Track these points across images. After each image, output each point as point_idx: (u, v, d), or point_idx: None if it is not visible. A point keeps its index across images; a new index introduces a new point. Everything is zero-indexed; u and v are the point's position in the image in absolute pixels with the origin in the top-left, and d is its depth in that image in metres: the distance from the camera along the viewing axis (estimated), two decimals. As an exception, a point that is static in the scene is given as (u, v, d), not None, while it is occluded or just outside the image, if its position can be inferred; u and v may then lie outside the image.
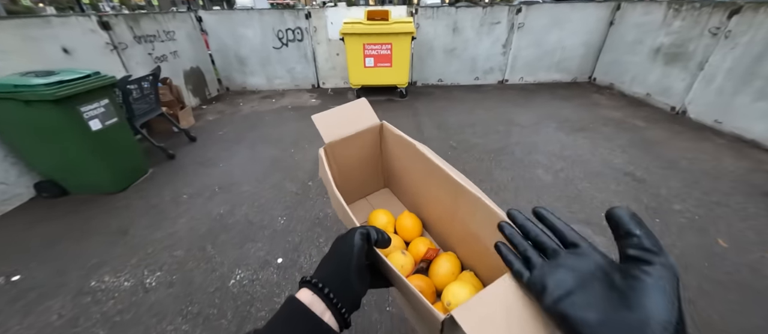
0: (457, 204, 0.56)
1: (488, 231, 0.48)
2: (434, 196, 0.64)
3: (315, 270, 0.40)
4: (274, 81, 4.84)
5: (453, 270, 0.62)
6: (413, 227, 0.73)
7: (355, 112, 0.75)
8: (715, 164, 2.50)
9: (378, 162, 0.83)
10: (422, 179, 0.67)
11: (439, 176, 0.57)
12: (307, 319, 0.34)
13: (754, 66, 2.81)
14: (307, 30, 4.43)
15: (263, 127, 3.44)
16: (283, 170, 2.56)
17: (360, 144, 0.76)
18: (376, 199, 0.88)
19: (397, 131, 0.70)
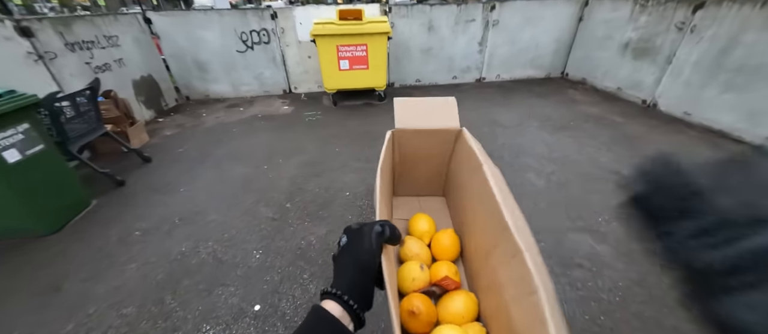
0: (496, 246, 0.49)
1: (514, 289, 0.41)
2: (480, 226, 0.58)
3: (335, 275, 0.41)
4: (241, 88, 4.45)
5: (464, 314, 0.55)
6: (449, 248, 0.67)
7: (438, 108, 0.70)
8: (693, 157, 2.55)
9: (444, 167, 0.78)
10: (476, 202, 0.61)
11: (492, 207, 0.50)
12: (338, 331, 0.35)
13: (719, 59, 2.92)
14: (274, 31, 4.09)
15: (231, 141, 3.09)
16: (257, 191, 2.27)
17: (431, 142, 0.72)
18: (428, 203, 0.83)
19: (473, 143, 0.63)
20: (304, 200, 2.16)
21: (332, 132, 3.24)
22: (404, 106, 0.71)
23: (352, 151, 2.82)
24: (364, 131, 3.24)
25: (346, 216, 1.99)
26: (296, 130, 3.29)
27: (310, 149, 2.87)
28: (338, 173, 2.46)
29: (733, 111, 2.85)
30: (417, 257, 0.66)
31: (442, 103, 0.71)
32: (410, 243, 0.68)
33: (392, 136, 0.70)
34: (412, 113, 0.71)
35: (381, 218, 0.49)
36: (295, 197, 2.19)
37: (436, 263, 0.66)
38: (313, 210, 2.05)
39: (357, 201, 2.14)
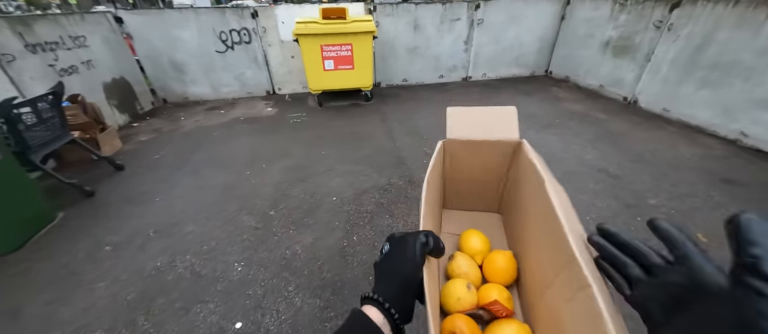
0: (557, 275, 0.44)
1: (578, 327, 0.37)
2: (541, 251, 0.52)
3: (375, 280, 0.41)
4: (222, 89, 4.28)
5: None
6: (503, 271, 0.61)
7: (496, 118, 0.66)
8: (674, 154, 2.61)
9: (501, 182, 0.74)
10: (536, 224, 0.56)
11: (555, 232, 0.45)
12: (369, 325, 0.34)
13: (695, 56, 3.01)
14: (255, 31, 3.95)
15: (210, 145, 2.96)
16: (238, 198, 2.17)
17: (487, 153, 0.68)
18: (482, 219, 0.78)
19: (534, 157, 0.58)
20: (289, 206, 2.07)
21: (318, 134, 3.15)
22: (457, 116, 0.67)
23: (338, 153, 2.75)
24: (350, 133, 3.17)
25: (333, 222, 1.93)
26: (280, 133, 3.19)
27: (295, 153, 2.78)
28: (324, 178, 2.38)
29: (709, 107, 2.95)
30: (465, 276, 0.61)
31: (499, 113, 0.67)
32: (460, 259, 0.63)
33: (442, 147, 0.67)
34: (465, 123, 0.67)
35: (425, 229, 0.47)
36: (280, 203, 2.10)
37: (487, 285, 0.60)
38: (299, 217, 1.97)
39: (344, 206, 2.07)
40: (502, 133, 0.65)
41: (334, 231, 1.85)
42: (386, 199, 2.14)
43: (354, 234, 1.83)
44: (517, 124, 0.65)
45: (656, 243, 0.31)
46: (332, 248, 1.73)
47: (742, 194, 2.07)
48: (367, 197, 2.16)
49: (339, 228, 1.88)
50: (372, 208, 2.05)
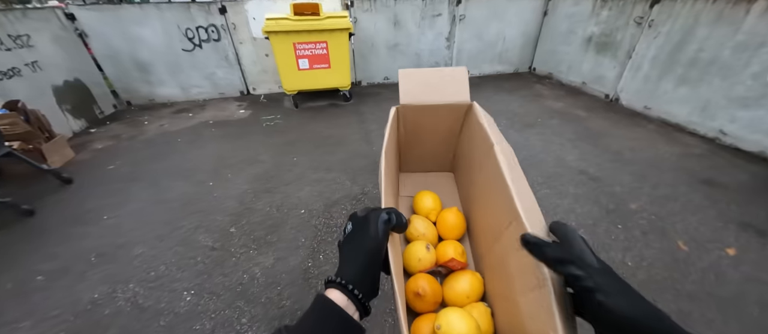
0: (505, 230, 0.48)
1: (522, 279, 0.42)
2: (489, 207, 0.56)
3: (340, 263, 0.41)
4: (191, 90, 4.03)
5: (469, 294, 0.56)
6: (454, 226, 0.67)
7: (448, 80, 0.66)
8: (654, 153, 2.57)
9: (452, 142, 0.76)
10: (485, 182, 0.59)
11: (502, 190, 0.48)
12: (343, 321, 0.35)
13: (675, 53, 2.97)
14: (225, 27, 3.71)
15: (173, 153, 2.75)
16: (197, 214, 1.99)
17: (439, 116, 0.69)
18: (436, 179, 0.82)
19: (483, 119, 0.60)
20: (252, 222, 1.91)
21: (291, 138, 2.98)
22: (409, 79, 0.67)
23: (311, 159, 2.59)
24: (326, 136, 3.01)
25: (299, 239, 1.78)
26: (251, 138, 3.00)
27: (265, 160, 2.60)
28: (293, 188, 2.23)
29: (688, 104, 2.92)
30: (423, 237, 0.65)
31: (450, 75, 0.67)
32: (416, 222, 0.67)
33: (396, 112, 0.67)
34: (418, 87, 0.66)
35: (387, 205, 0.49)
36: (242, 219, 1.94)
37: (443, 242, 0.65)
38: (261, 234, 1.82)
39: (312, 219, 1.93)
40: (454, 96, 0.65)
41: (299, 250, 1.71)
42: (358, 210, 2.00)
43: (320, 252, 1.69)
44: (467, 85, 0.65)
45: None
46: (295, 270, 1.58)
47: (722, 196, 2.03)
48: (338, 208, 2.02)
49: (305, 246, 1.73)
50: (342, 221, 1.91)
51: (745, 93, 2.50)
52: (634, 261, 1.59)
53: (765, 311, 1.31)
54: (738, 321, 1.28)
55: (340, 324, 0.34)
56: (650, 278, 1.49)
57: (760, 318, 1.28)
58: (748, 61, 2.45)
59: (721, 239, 1.69)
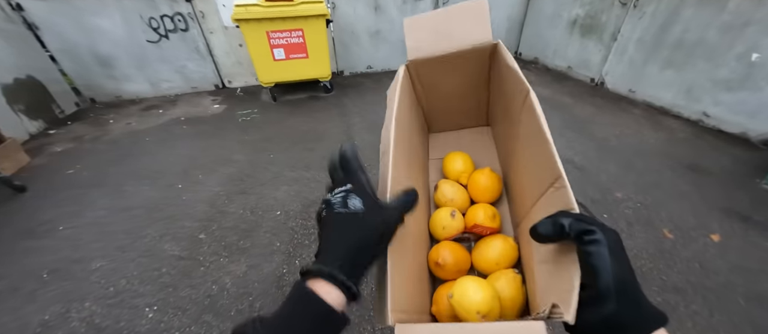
0: (543, 194, 0.42)
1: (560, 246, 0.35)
2: (528, 165, 0.48)
3: (325, 240, 0.34)
4: (161, 85, 3.78)
5: (498, 260, 0.50)
6: (487, 188, 0.61)
7: (462, 18, 0.53)
8: (639, 139, 2.54)
9: (483, 93, 0.67)
10: (523, 135, 0.50)
11: (541, 145, 0.42)
12: (324, 313, 0.29)
13: (660, 35, 2.92)
14: (192, 16, 3.46)
15: (140, 155, 2.56)
16: (164, 220, 1.85)
17: (460, 65, 0.58)
18: (470, 136, 0.73)
19: (512, 61, 0.50)
20: (224, 227, 1.79)
21: (268, 134, 2.82)
22: (416, 29, 0.57)
23: (289, 157, 2.45)
24: (306, 130, 2.87)
25: (274, 244, 1.67)
26: (225, 136, 2.83)
27: (239, 158, 2.45)
28: (269, 188, 2.10)
29: (673, 87, 2.89)
30: (451, 203, 0.61)
31: (465, 11, 0.54)
32: (444, 187, 0.62)
33: (406, 71, 0.58)
34: (427, 35, 0.56)
35: (392, 189, 0.43)
36: (213, 224, 1.81)
37: (472, 206, 0.60)
38: (233, 240, 1.70)
39: (289, 221, 1.82)
40: (472, 36, 0.54)
41: (274, 255, 1.60)
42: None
43: (296, 257, 1.59)
44: (488, 21, 0.53)
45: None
46: (268, 278, 1.48)
47: (706, 181, 2.01)
48: (316, 208, 1.90)
49: (280, 250, 1.63)
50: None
51: (729, 75, 2.47)
52: (620, 253, 1.55)
53: (751, 303, 1.29)
54: (724, 313, 1.26)
55: (319, 316, 0.29)
56: (636, 270, 1.43)
57: (747, 309, 1.26)
58: (733, 43, 2.41)
59: (705, 225, 1.67)
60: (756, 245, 1.54)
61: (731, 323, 1.22)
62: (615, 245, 0.26)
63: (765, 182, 1.93)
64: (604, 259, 0.25)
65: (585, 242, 0.27)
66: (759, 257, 1.48)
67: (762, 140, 2.34)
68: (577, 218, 0.29)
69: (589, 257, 0.26)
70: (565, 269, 0.30)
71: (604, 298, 0.24)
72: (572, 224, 0.28)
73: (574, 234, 0.28)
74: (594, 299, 0.25)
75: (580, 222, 0.28)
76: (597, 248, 0.26)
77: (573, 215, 0.30)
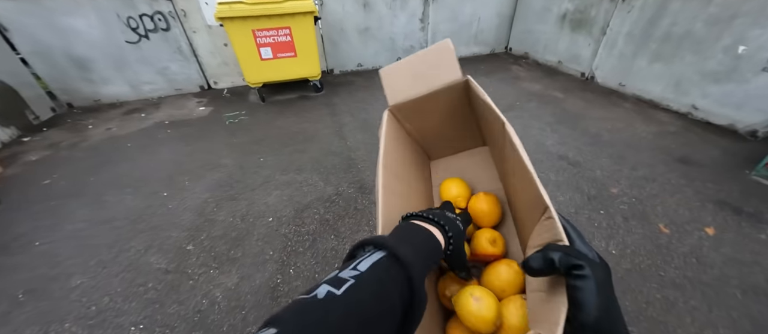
0: (539, 221, 0.42)
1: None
2: (522, 192, 0.49)
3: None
4: (143, 88, 3.63)
5: (504, 287, 0.49)
6: (487, 213, 0.60)
7: (433, 61, 0.57)
8: (631, 132, 2.55)
9: (470, 118, 0.67)
10: (511, 161, 0.51)
11: (526, 179, 0.43)
12: (434, 240, 0.40)
13: (649, 29, 2.93)
14: (173, 14, 3.32)
15: (121, 162, 2.44)
16: (148, 231, 1.76)
17: (440, 101, 0.60)
18: (470, 158, 0.74)
19: (484, 96, 0.52)
20: (213, 236, 1.71)
21: (258, 136, 2.73)
22: (391, 76, 0.61)
23: (280, 159, 2.38)
24: (296, 131, 2.79)
25: (267, 252, 1.61)
26: (212, 139, 2.73)
27: (228, 163, 2.37)
28: (260, 193, 2.03)
29: (662, 81, 2.92)
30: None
31: (434, 54, 0.59)
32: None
33: (390, 114, 0.61)
34: (403, 81, 0.60)
35: (382, 227, 0.44)
36: (201, 233, 1.73)
37: (475, 233, 0.59)
38: (223, 250, 1.63)
39: (282, 228, 1.75)
40: (445, 77, 0.57)
41: (267, 264, 1.54)
42: (332, 213, 1.85)
43: (291, 266, 1.53)
44: (456, 61, 0.57)
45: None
46: (261, 289, 1.42)
47: (697, 174, 2.03)
48: (310, 213, 1.85)
49: (273, 259, 1.57)
50: (315, 227, 1.75)
51: (717, 67, 2.50)
52: (618, 249, 1.54)
53: (747, 295, 1.30)
54: (722, 307, 1.26)
55: (435, 245, 0.40)
56: (634, 267, 1.45)
57: (744, 303, 1.27)
58: (720, 35, 2.44)
59: (699, 219, 1.68)
60: (749, 237, 1.56)
61: (730, 318, 1.22)
62: (603, 280, 0.27)
63: (754, 173, 1.96)
64: (591, 293, 0.26)
65: (573, 276, 0.28)
66: (752, 249, 1.50)
67: (749, 131, 2.38)
68: (566, 251, 0.30)
69: (576, 291, 0.27)
70: (553, 300, 0.30)
71: (586, 332, 0.25)
72: (561, 258, 0.29)
73: (564, 268, 0.28)
74: (577, 332, 0.26)
75: (568, 256, 0.29)
76: (584, 283, 0.27)
77: (562, 247, 0.30)
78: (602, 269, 0.28)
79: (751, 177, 1.95)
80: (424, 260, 0.36)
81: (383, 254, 0.32)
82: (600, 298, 0.26)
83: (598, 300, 0.26)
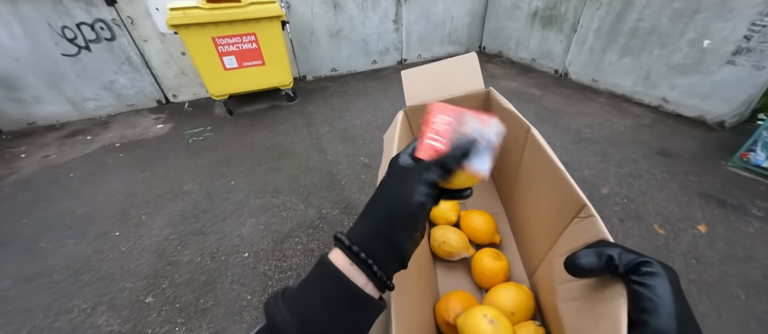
0: (563, 227, 0.38)
1: (592, 288, 0.31)
2: (541, 203, 0.47)
3: (357, 219, 0.33)
4: (87, 105, 3.20)
5: (514, 309, 0.45)
6: (485, 230, 0.59)
7: (456, 70, 0.59)
8: (610, 128, 2.58)
9: None
10: (530, 175, 0.51)
11: (554, 178, 0.41)
12: (347, 290, 0.28)
13: (617, 24, 3.00)
14: (118, 22, 2.94)
15: (61, 196, 2.09)
16: (95, 284, 1.47)
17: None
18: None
19: (507, 104, 0.54)
20: (177, 283, 1.47)
21: (226, 155, 2.47)
22: (413, 79, 0.59)
23: (253, 181, 2.14)
24: (270, 147, 2.55)
25: (243, 297, 1.39)
26: (172, 162, 2.42)
27: (192, 189, 2.09)
28: (232, 223, 1.79)
29: (632, 74, 3.00)
30: (445, 245, 0.58)
31: (459, 63, 0.58)
32: (435, 234, 0.59)
33: (404, 117, 0.58)
34: (424, 84, 0.58)
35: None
36: (162, 280, 1.48)
37: (478, 251, 0.56)
38: (191, 299, 1.39)
39: (259, 265, 1.54)
40: (466, 85, 0.58)
41: (244, 313, 1.33)
42: (317, 241, 1.66)
43: (273, 310, 1.33)
44: (479, 71, 0.57)
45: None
46: (240, 346, 1.21)
47: (679, 166, 2.06)
48: (291, 243, 1.65)
49: (251, 305, 1.36)
50: (298, 259, 1.56)
51: (683, 60, 2.59)
52: (619, 255, 1.50)
53: (750, 295, 1.28)
54: (730, 311, 1.23)
55: (343, 293, 0.27)
56: None
57: (748, 303, 1.25)
58: (685, 29, 2.52)
59: (690, 215, 1.68)
60: (738, 231, 1.57)
61: (739, 322, 1.20)
62: (675, 280, 0.24)
63: (730, 164, 2.02)
64: (666, 294, 0.23)
65: (642, 273, 0.24)
66: (743, 244, 1.51)
67: (717, 122, 2.49)
68: (624, 249, 0.27)
69: (647, 290, 0.23)
70: (603, 305, 0.27)
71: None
72: (622, 254, 0.26)
73: (625, 266, 0.26)
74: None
75: (630, 253, 0.26)
76: (656, 282, 0.23)
77: (618, 245, 0.28)
78: (672, 269, 0.25)
79: (728, 168, 2.01)
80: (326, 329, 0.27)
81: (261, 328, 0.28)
82: (677, 301, 0.23)
83: (676, 303, 0.23)
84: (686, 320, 0.22)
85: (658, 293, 0.23)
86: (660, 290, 0.23)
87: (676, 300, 0.23)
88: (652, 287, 0.23)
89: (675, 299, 0.23)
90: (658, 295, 0.23)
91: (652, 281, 0.24)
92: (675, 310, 0.22)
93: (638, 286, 0.24)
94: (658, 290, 0.23)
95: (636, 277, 0.24)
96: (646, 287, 0.24)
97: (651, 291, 0.23)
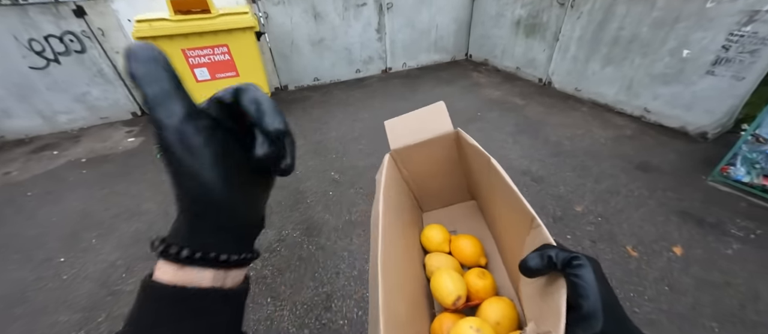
0: (523, 242, 0.45)
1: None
2: (509, 224, 0.55)
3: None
4: (58, 118, 3.12)
5: (500, 320, 0.48)
6: (471, 252, 0.64)
7: (429, 117, 0.69)
8: (590, 139, 2.50)
9: (460, 171, 0.75)
10: (497, 199, 0.58)
11: (510, 198, 0.47)
12: (176, 302, 0.22)
13: (599, 33, 2.94)
14: (88, 34, 2.87)
15: (13, 217, 2.00)
16: (26, 318, 1.38)
17: (433, 150, 0.71)
18: (459, 211, 0.80)
19: (472, 140, 0.61)
20: (115, 315, 1.37)
21: (193, 171, 2.37)
22: (395, 128, 0.69)
23: (215, 199, 2.05)
24: (239, 162, 2.46)
25: None
26: (136, 178, 2.34)
27: (151, 208, 2.00)
28: (185, 246, 1.70)
29: (615, 84, 2.93)
30: (447, 268, 0.60)
31: (430, 111, 0.68)
32: (429, 262, 0.64)
33: (390, 158, 0.67)
34: (403, 131, 0.69)
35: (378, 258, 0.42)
36: (99, 313, 1.38)
37: (466, 272, 0.61)
38: None
39: (207, 293, 1.44)
40: (438, 128, 0.67)
41: None
42: (271, 267, 1.57)
43: (212, 347, 1.23)
44: (447, 116, 0.66)
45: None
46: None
47: (658, 182, 1.98)
48: (244, 268, 1.55)
49: None
50: (257, 291, 1.46)
51: (664, 70, 2.52)
52: (588, 281, 1.40)
53: (724, 326, 1.19)
54: (701, 347, 1.14)
55: (190, 309, 0.22)
56: None
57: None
58: (665, 38, 2.46)
59: (666, 236, 1.59)
60: (716, 253, 1.49)
61: (711, 359, 1.10)
62: (597, 269, 0.28)
63: (710, 178, 1.94)
64: (591, 281, 0.27)
65: (573, 266, 0.28)
66: (721, 268, 1.42)
67: (699, 133, 2.41)
68: (560, 248, 0.31)
69: (578, 279, 0.27)
70: (550, 296, 0.31)
71: (592, 317, 0.25)
72: (558, 253, 0.30)
73: (561, 263, 0.29)
74: (582, 320, 0.26)
75: (564, 252, 0.30)
76: (583, 271, 0.27)
77: (556, 246, 0.32)
78: (595, 260, 0.29)
79: (708, 183, 1.92)
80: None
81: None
82: (600, 283, 0.27)
83: (599, 285, 0.26)
84: (608, 300, 0.26)
85: (587, 280, 0.26)
86: (587, 278, 0.27)
87: (600, 285, 0.26)
88: (581, 276, 0.27)
89: (599, 284, 0.26)
90: (587, 282, 0.26)
91: (581, 271, 0.27)
92: (600, 293, 0.26)
93: (572, 277, 0.28)
94: (586, 278, 0.27)
95: (570, 270, 0.28)
96: (578, 276, 0.27)
97: (581, 279, 0.27)
